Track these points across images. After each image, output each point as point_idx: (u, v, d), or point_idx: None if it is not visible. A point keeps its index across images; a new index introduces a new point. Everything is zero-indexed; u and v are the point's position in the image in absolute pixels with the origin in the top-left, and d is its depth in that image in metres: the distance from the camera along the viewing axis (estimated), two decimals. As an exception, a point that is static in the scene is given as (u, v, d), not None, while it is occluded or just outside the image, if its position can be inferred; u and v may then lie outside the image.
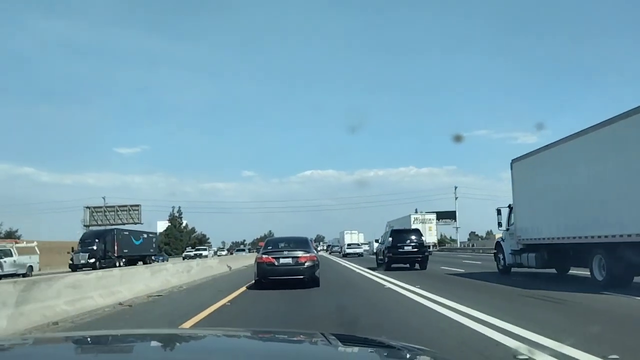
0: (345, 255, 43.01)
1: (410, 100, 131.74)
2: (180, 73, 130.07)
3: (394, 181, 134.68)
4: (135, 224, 57.47)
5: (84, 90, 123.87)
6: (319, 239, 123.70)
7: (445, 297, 9.51)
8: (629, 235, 9.79)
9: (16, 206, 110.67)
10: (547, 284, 12.34)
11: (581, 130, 11.72)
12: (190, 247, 76.31)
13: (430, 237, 45.03)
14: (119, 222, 56.27)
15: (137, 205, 60.97)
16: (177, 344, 1.95)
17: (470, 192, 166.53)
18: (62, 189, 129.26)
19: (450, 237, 71.47)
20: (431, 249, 43.03)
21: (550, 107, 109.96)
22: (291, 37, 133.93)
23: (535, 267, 14.44)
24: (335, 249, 65.07)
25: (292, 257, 12.82)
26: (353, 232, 67.85)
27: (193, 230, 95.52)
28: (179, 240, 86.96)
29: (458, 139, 51.23)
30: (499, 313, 7.41)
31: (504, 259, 16.29)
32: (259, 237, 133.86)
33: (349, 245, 47.95)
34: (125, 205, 61.24)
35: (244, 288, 13.31)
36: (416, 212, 45.05)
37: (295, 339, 2.07)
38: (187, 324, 7.58)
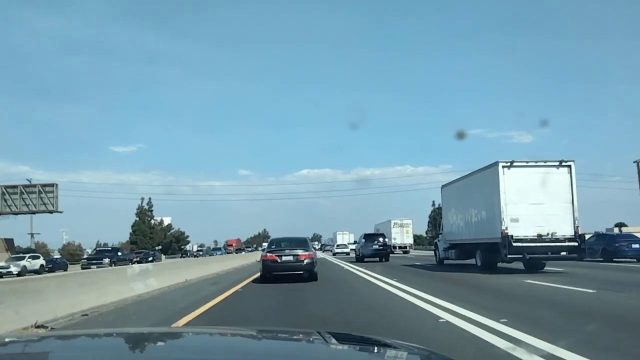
0: (335, 254, 50.18)
1: (406, 99, 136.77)
2: (176, 71, 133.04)
3: (390, 180, 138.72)
4: (51, 212, 44.05)
5: (80, 88, 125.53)
6: (316, 238, 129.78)
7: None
8: (489, 238, 16.82)
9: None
10: (456, 269, 19.29)
11: (466, 174, 18.99)
12: (159, 247, 67.95)
13: (407, 239, 52.40)
14: (26, 208, 43.67)
15: (52, 185, 44.26)
16: (172, 342, 1.96)
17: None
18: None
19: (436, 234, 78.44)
20: (408, 249, 50.67)
21: (548, 106, 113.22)
22: (289, 35, 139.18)
23: (455, 259, 21.47)
24: (328, 247, 72.78)
25: (293, 255, 14.59)
26: (344, 232, 76.40)
27: (169, 227, 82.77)
28: (149, 238, 73.93)
29: (461, 135, 51.73)
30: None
31: (438, 253, 23.36)
32: (253, 235, 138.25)
33: (337, 245, 56.57)
34: (34, 185, 44.50)
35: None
36: (396, 219, 52.87)
37: (291, 337, 2.10)
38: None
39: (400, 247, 51.35)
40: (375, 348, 1.81)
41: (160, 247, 70.00)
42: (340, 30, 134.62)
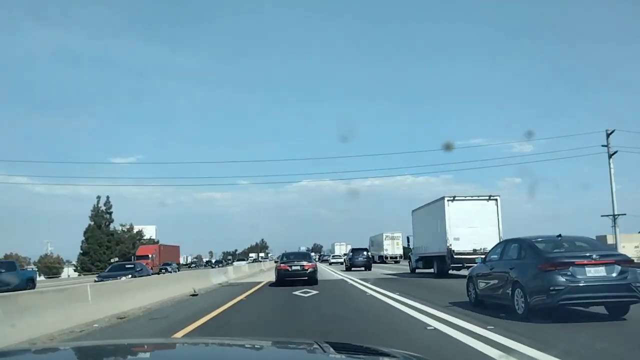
0: (331, 264, 56.51)
1: (405, 109, 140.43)
2: (172, 83, 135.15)
3: (390, 190, 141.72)
4: None
5: (78, 100, 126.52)
6: (317, 248, 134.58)
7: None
8: (440, 252, 22.96)
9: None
10: (421, 275, 25.39)
11: (425, 204, 25.38)
12: (115, 259, 52.27)
13: (397, 250, 58.63)
14: None
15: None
16: (171, 354, 1.97)
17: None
18: (55, 200, 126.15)
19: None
20: (398, 259, 56.79)
21: (545, 115, 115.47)
22: (284, 46, 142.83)
23: (422, 269, 27.58)
24: (325, 258, 79.49)
25: (300, 265, 20.27)
26: (342, 244, 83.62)
27: (140, 233, 67.53)
28: (106, 248, 58.78)
29: (448, 147, 51.54)
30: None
31: (411, 264, 29.51)
32: (249, 246, 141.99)
33: (333, 256, 65.09)
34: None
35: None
36: (387, 232, 59.52)
37: (290, 347, 2.14)
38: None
39: (391, 257, 57.71)
40: (374, 357, 1.83)
41: (116, 259, 54.70)
42: (337, 40, 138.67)
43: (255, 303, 14.57)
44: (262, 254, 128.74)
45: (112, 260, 52.73)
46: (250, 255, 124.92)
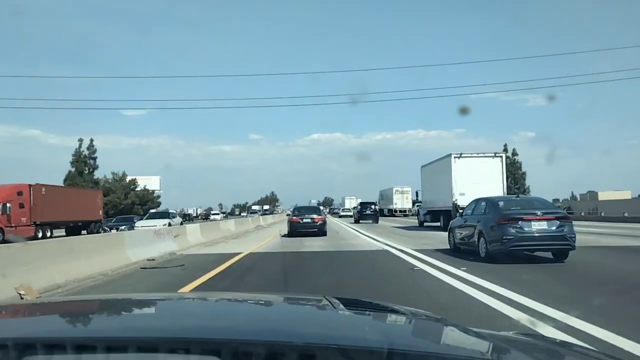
0: (341, 217, 58.34)
1: (419, 62, 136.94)
2: (184, 34, 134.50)
3: (402, 144, 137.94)
4: None
5: (91, 51, 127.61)
6: (328, 202, 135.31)
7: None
8: (446, 207, 23.97)
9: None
10: (428, 229, 26.53)
11: (433, 161, 26.22)
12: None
13: (407, 204, 59.87)
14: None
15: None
16: (178, 308, 1.95)
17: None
18: (69, 152, 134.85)
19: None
20: (407, 212, 58.08)
21: (561, 70, 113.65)
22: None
23: (430, 222, 28.70)
24: (336, 210, 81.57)
25: (310, 218, 22.03)
26: (352, 197, 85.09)
27: (133, 182, 60.01)
28: None
29: (464, 111, 49.06)
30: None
31: (419, 218, 30.63)
32: (260, 198, 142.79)
33: (343, 209, 67.50)
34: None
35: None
36: (397, 187, 60.61)
37: (299, 303, 2.12)
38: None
39: (400, 211, 59.01)
40: (383, 314, 1.81)
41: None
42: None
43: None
44: (255, 207, 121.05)
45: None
46: (254, 207, 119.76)
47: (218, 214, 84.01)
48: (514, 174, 60.94)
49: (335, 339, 1.32)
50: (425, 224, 29.90)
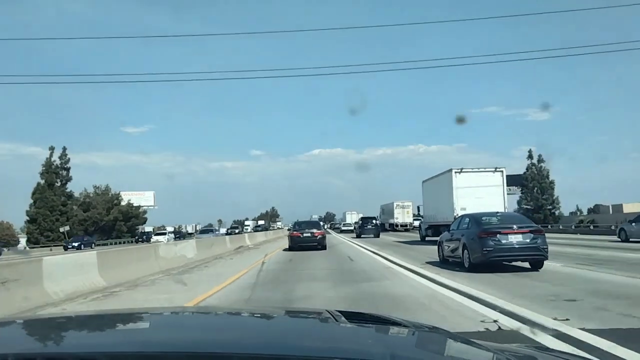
0: (342, 232, 58.39)
1: (419, 77, 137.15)
2: (183, 49, 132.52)
3: (402, 159, 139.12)
4: None
5: (90, 69, 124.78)
6: (330, 217, 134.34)
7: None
8: (448, 221, 23.89)
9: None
10: (428, 243, 26.43)
11: (434, 175, 26.17)
12: (65, 228, 41.87)
13: (408, 218, 59.64)
14: None
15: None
16: (183, 322, 1.94)
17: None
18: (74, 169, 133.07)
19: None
20: (408, 227, 57.91)
21: (561, 84, 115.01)
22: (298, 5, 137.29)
23: (432, 237, 28.60)
24: (337, 226, 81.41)
25: (311, 233, 22.68)
26: (353, 212, 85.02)
27: (116, 197, 54.98)
28: (60, 214, 46.13)
29: (461, 120, 50.58)
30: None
31: (421, 232, 30.56)
32: (260, 214, 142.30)
33: (344, 224, 67.91)
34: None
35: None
36: (398, 201, 60.42)
37: (302, 317, 2.12)
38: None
39: (401, 226, 58.78)
40: (387, 327, 1.80)
41: (67, 227, 44.23)
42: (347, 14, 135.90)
43: None
44: (248, 222, 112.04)
45: (60, 229, 42.27)
46: (246, 223, 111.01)
47: (164, 233, 57.03)
48: (541, 183, 58.13)
49: (338, 352, 1.33)
50: (427, 238, 29.81)
